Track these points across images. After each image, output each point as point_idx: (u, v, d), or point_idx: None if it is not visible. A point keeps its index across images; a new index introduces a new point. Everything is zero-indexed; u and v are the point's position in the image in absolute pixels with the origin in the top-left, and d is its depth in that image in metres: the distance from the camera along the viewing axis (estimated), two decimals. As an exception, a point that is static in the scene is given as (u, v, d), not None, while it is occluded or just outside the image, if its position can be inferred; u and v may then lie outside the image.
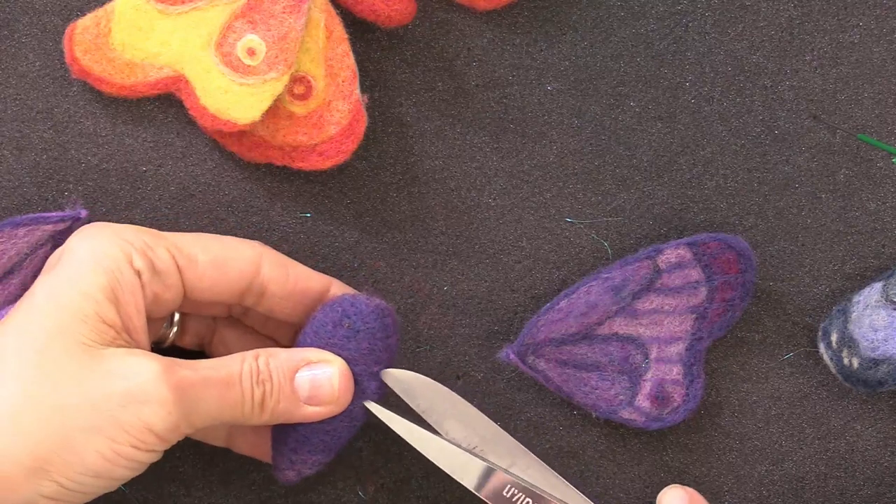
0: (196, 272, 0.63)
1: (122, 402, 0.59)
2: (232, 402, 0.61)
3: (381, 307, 0.65)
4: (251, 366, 0.62)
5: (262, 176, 0.73)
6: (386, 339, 0.65)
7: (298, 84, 0.71)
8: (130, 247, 0.62)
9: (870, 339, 0.71)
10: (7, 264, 0.69)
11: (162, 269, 0.62)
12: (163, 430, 0.59)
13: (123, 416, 0.58)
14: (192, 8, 0.71)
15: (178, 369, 0.60)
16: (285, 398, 0.62)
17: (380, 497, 0.73)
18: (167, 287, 0.63)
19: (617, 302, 0.71)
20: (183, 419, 0.60)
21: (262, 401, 0.62)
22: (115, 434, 0.58)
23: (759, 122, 0.74)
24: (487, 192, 0.74)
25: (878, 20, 0.74)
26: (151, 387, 0.59)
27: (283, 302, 0.65)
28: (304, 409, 0.63)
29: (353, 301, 0.65)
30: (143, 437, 0.59)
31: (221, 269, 0.64)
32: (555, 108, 0.74)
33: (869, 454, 0.74)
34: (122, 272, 0.61)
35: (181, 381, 0.60)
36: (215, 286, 0.64)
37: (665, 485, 0.73)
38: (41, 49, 0.73)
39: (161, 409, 0.59)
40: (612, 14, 0.74)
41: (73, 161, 0.73)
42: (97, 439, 0.58)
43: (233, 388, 0.61)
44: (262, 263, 0.65)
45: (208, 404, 0.60)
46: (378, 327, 0.64)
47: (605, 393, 0.72)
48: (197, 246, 0.64)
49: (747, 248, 0.72)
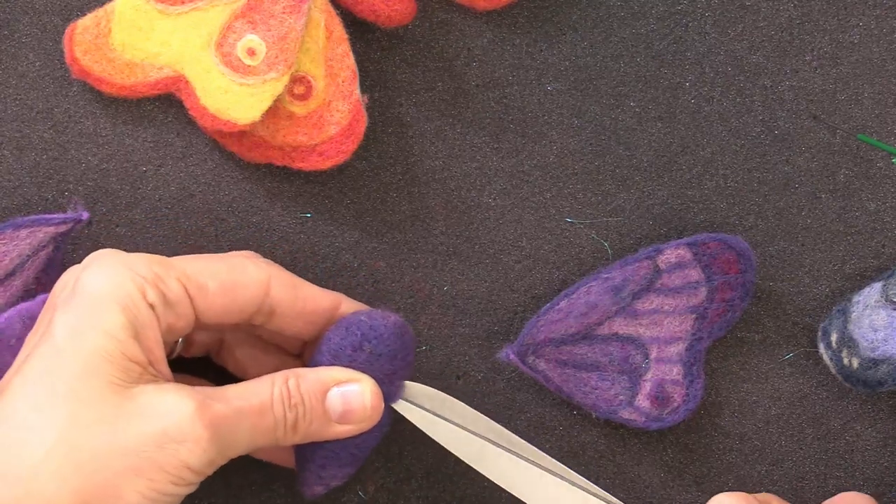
0: (206, 300, 0.63)
1: (158, 442, 0.59)
2: (265, 429, 0.61)
3: (398, 326, 0.65)
4: (282, 390, 0.62)
5: (263, 176, 0.73)
6: (406, 358, 0.65)
7: (298, 84, 0.71)
8: (143, 280, 0.61)
9: (869, 339, 0.71)
10: (9, 266, 0.69)
11: (174, 301, 0.62)
12: (199, 466, 0.59)
13: (161, 457, 0.58)
14: (192, 8, 0.71)
15: (211, 404, 0.60)
16: (317, 419, 0.63)
17: (380, 497, 0.73)
18: (179, 317, 0.63)
19: (617, 302, 0.71)
20: (218, 454, 0.60)
21: (294, 424, 0.62)
22: (154, 474, 0.58)
23: (759, 122, 0.74)
24: (487, 192, 0.74)
25: (878, 20, 0.74)
26: (187, 426, 0.59)
27: (293, 321, 0.65)
28: (335, 428, 0.63)
29: (370, 324, 0.64)
30: (180, 474, 0.59)
31: (231, 294, 0.63)
32: (555, 108, 0.74)
33: (869, 454, 0.74)
34: (139, 308, 0.61)
35: (215, 417, 0.60)
36: (225, 311, 0.64)
37: (665, 485, 0.73)
38: (41, 49, 0.72)
39: (197, 446, 0.59)
40: (612, 14, 0.74)
41: (73, 161, 0.73)
42: (137, 481, 0.58)
43: (266, 415, 0.61)
44: (271, 286, 0.65)
45: (243, 435, 0.61)
46: (398, 348, 0.64)
47: (605, 393, 0.72)
48: (206, 273, 0.63)
49: (747, 248, 0.72)
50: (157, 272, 0.62)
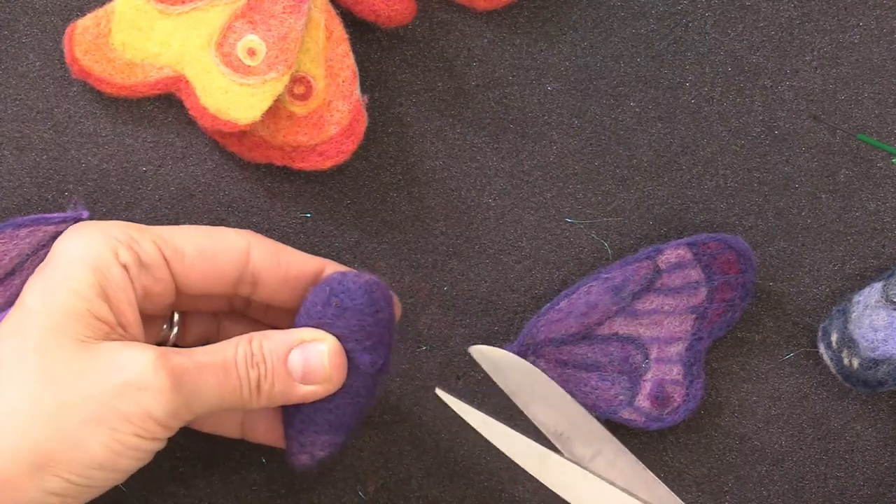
0: (184, 264, 0.63)
1: (120, 391, 0.59)
2: (230, 388, 0.61)
3: (368, 282, 0.64)
4: (245, 349, 0.62)
5: (263, 176, 0.73)
6: (375, 314, 0.64)
7: (298, 84, 0.71)
8: (116, 242, 0.62)
9: (870, 340, 0.71)
10: (9, 265, 0.69)
11: (148, 262, 0.62)
12: (163, 417, 0.59)
13: (123, 406, 0.59)
14: (192, 8, 0.71)
15: (172, 356, 0.60)
16: (280, 379, 0.62)
17: (380, 497, 0.73)
18: (156, 280, 0.63)
19: (617, 302, 0.71)
20: (182, 405, 0.60)
21: (257, 384, 0.62)
22: (117, 424, 0.59)
23: (759, 122, 0.74)
24: (487, 192, 0.74)
25: (878, 20, 0.74)
26: (148, 374, 0.59)
27: (279, 289, 0.65)
28: (299, 388, 0.63)
29: (340, 279, 0.64)
30: (144, 424, 0.59)
31: (210, 259, 0.63)
32: (555, 109, 0.74)
33: (869, 454, 0.74)
34: (110, 268, 0.61)
35: (176, 367, 0.60)
36: (205, 277, 0.64)
37: (665, 485, 0.73)
38: (41, 49, 0.73)
39: (160, 395, 0.59)
40: (612, 14, 0.74)
41: (73, 161, 0.73)
42: (100, 431, 0.58)
43: (229, 373, 0.61)
44: (252, 251, 0.64)
45: (207, 390, 0.61)
46: (366, 303, 0.64)
47: (605, 393, 0.72)
48: (184, 237, 0.64)
49: (747, 248, 0.72)
50: (131, 234, 0.62)
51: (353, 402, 0.65)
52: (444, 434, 0.73)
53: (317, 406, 0.64)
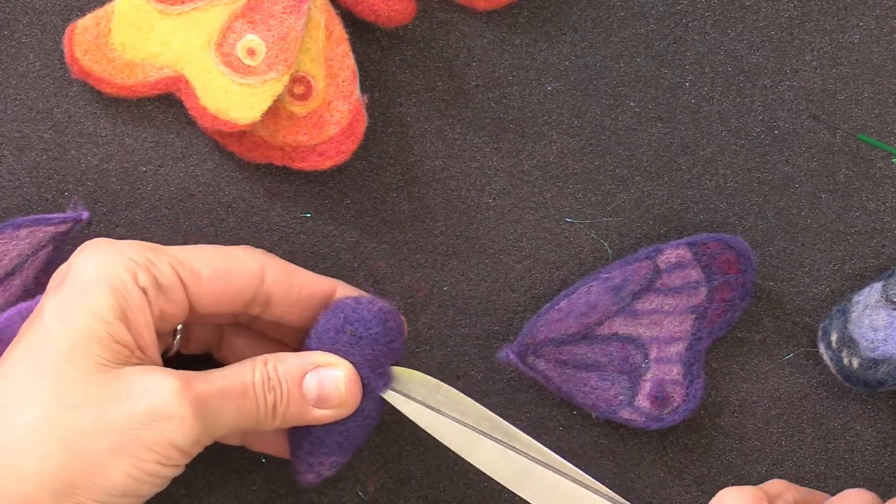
0: (200, 286, 0.63)
1: (144, 420, 0.59)
2: (248, 411, 0.61)
3: (383, 311, 0.65)
4: (262, 373, 0.62)
5: (262, 176, 0.73)
6: (389, 344, 0.65)
7: (298, 84, 0.71)
8: (134, 264, 0.62)
9: (869, 339, 0.71)
10: (8, 265, 0.69)
11: (166, 285, 0.62)
12: (185, 445, 0.60)
13: (147, 435, 0.59)
14: (192, 8, 0.71)
15: (195, 384, 0.60)
16: (295, 403, 0.63)
17: (380, 497, 0.73)
18: (172, 303, 0.63)
19: (617, 302, 0.71)
20: (203, 432, 0.60)
21: (273, 406, 0.62)
22: (140, 453, 0.59)
23: (759, 122, 0.74)
24: (487, 192, 0.74)
25: (878, 20, 0.74)
26: (172, 403, 0.59)
27: (289, 309, 0.66)
28: (313, 412, 0.63)
29: (355, 307, 0.64)
30: (166, 453, 0.59)
31: (225, 281, 0.64)
32: (555, 109, 0.74)
33: (869, 454, 0.74)
34: (130, 290, 0.61)
35: (200, 396, 0.60)
36: (220, 299, 0.64)
37: (665, 485, 0.73)
38: (41, 49, 0.72)
39: (183, 424, 0.59)
40: (612, 14, 0.74)
41: (73, 161, 0.73)
42: (123, 459, 0.59)
43: (248, 397, 0.61)
44: (266, 273, 0.65)
45: (227, 415, 0.61)
46: (381, 332, 0.64)
47: (604, 393, 0.72)
48: (200, 259, 0.64)
49: (747, 248, 0.72)
50: (148, 257, 0.62)
51: (364, 424, 0.66)
52: (444, 434, 0.73)
53: (327, 429, 0.65)
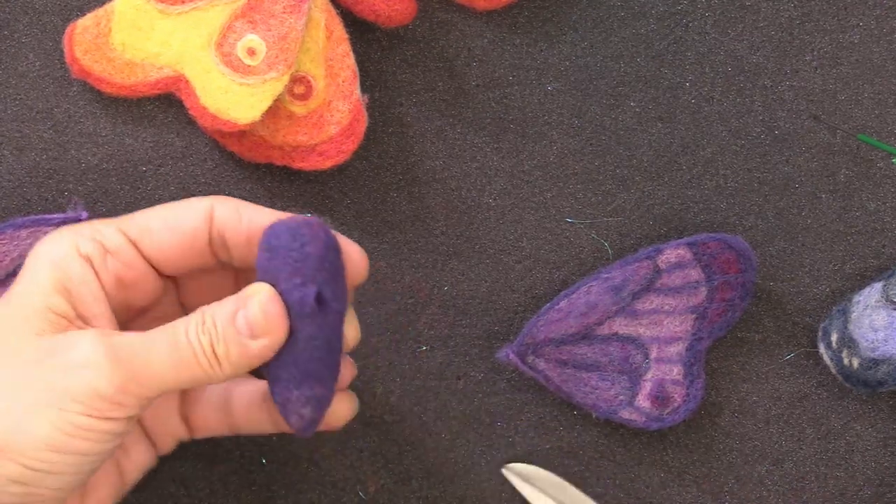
0: (152, 240, 0.63)
1: (63, 371, 0.59)
2: (184, 358, 0.61)
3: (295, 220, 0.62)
4: (196, 318, 0.61)
5: (262, 176, 0.73)
6: (302, 248, 0.61)
7: (298, 84, 0.71)
8: (78, 237, 0.62)
9: (870, 340, 0.71)
10: (10, 265, 0.69)
11: (113, 248, 0.62)
12: (110, 392, 0.59)
13: (67, 384, 0.59)
14: (192, 8, 0.71)
15: (115, 334, 0.60)
16: (232, 341, 0.61)
17: (380, 497, 0.73)
18: (128, 266, 0.63)
19: (617, 302, 0.71)
20: (130, 380, 0.59)
21: (212, 350, 0.61)
22: (64, 404, 0.59)
23: (759, 123, 0.74)
24: (488, 192, 0.74)
25: (878, 20, 0.74)
26: (88, 351, 0.59)
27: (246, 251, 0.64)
28: (252, 346, 0.61)
29: (272, 224, 0.62)
30: (92, 402, 0.59)
31: (175, 228, 0.63)
32: (555, 109, 0.74)
33: (869, 454, 0.74)
34: (70, 263, 0.62)
35: (118, 342, 0.60)
36: (177, 249, 0.63)
37: (665, 485, 0.73)
38: (41, 49, 0.73)
39: (99, 369, 0.59)
40: (613, 14, 0.74)
41: (73, 161, 0.73)
42: (48, 412, 0.59)
43: (181, 345, 0.61)
44: (215, 210, 0.64)
45: (158, 362, 0.60)
46: (288, 239, 0.61)
47: (605, 393, 0.72)
48: (149, 214, 0.64)
49: (747, 248, 0.72)
50: (97, 227, 0.63)
51: (309, 347, 0.62)
52: (444, 434, 0.73)
53: (279, 362, 0.63)
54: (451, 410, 0.73)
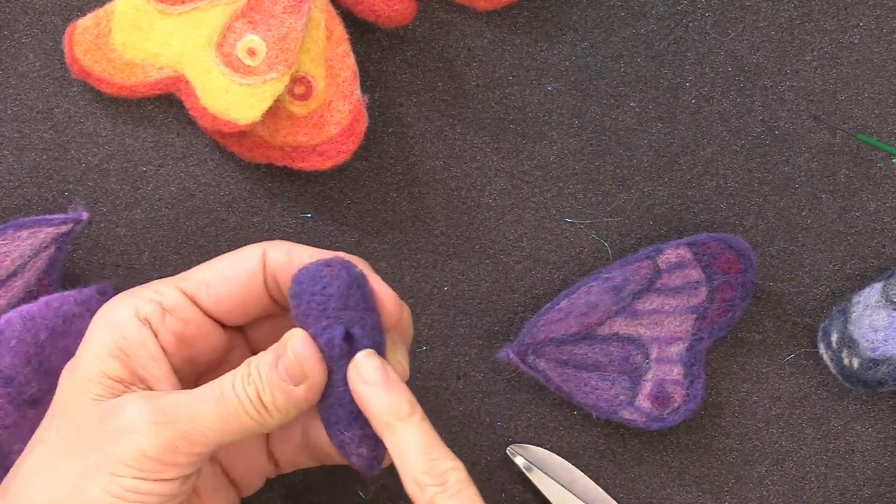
0: (210, 293, 0.63)
1: (113, 435, 0.60)
2: (234, 412, 0.61)
3: (315, 263, 0.62)
4: (242, 370, 0.62)
5: (263, 176, 0.73)
6: (324, 291, 0.61)
7: (299, 84, 0.71)
8: (137, 299, 0.63)
9: (870, 340, 0.71)
10: (10, 266, 0.69)
11: (171, 306, 0.63)
12: (157, 452, 0.60)
13: (117, 450, 0.60)
14: (192, 8, 0.71)
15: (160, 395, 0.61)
16: (276, 388, 0.62)
17: (380, 497, 0.73)
18: (186, 321, 0.63)
19: (617, 302, 0.71)
20: (177, 437, 0.60)
21: (258, 399, 0.62)
22: (115, 469, 0.60)
23: (759, 123, 0.74)
24: (488, 192, 0.74)
25: (878, 20, 0.74)
26: (133, 414, 0.60)
27: None
28: (295, 392, 0.62)
29: (298, 270, 0.62)
30: (140, 464, 0.60)
31: (230, 278, 0.63)
32: (555, 109, 0.74)
33: (869, 454, 0.74)
34: (128, 325, 0.62)
35: (164, 403, 0.61)
36: (235, 298, 0.64)
37: (665, 485, 0.73)
38: (41, 49, 0.72)
39: (147, 431, 0.60)
40: (613, 14, 0.74)
41: (73, 161, 0.73)
42: (100, 477, 0.60)
43: (228, 397, 0.61)
44: (267, 254, 0.64)
45: (207, 419, 0.61)
46: (310, 283, 0.62)
47: (605, 393, 0.72)
48: (205, 268, 0.64)
49: (747, 248, 0.72)
50: (155, 288, 0.63)
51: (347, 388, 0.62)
52: (443, 434, 0.73)
53: (325, 405, 0.63)
54: (451, 410, 0.73)
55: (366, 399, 0.61)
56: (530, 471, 0.72)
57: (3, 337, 0.66)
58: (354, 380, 0.61)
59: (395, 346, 0.64)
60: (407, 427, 0.61)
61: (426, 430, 0.61)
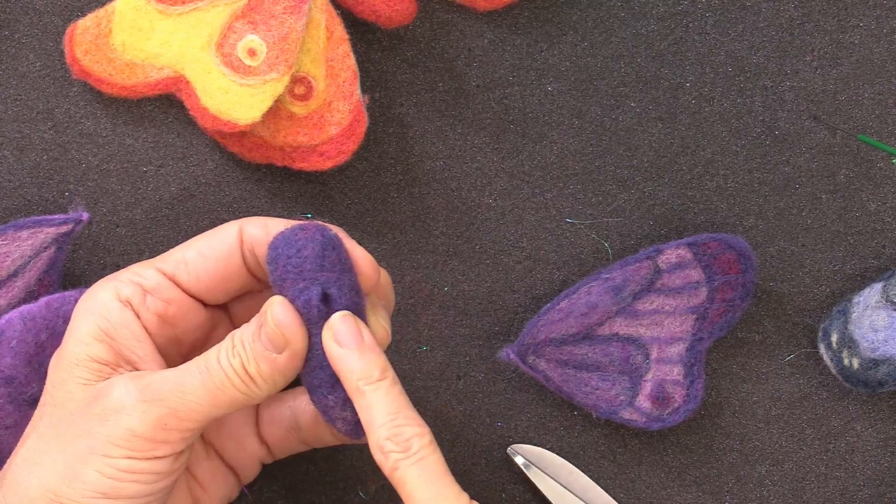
0: (188, 272, 0.63)
1: (102, 417, 0.60)
2: (221, 385, 0.61)
3: (288, 230, 0.62)
4: (226, 343, 0.62)
5: (263, 176, 0.73)
6: (298, 253, 0.61)
7: (299, 84, 0.71)
8: (117, 282, 0.63)
9: (870, 340, 0.71)
10: (10, 266, 0.69)
11: (152, 287, 0.63)
12: (147, 430, 0.60)
13: (108, 431, 0.60)
14: (192, 8, 0.71)
15: (146, 374, 0.61)
16: (260, 358, 0.61)
17: (380, 497, 0.73)
18: (167, 301, 0.63)
19: (617, 302, 0.71)
20: (166, 415, 0.60)
21: (244, 370, 0.61)
22: (107, 450, 0.60)
23: (759, 123, 0.74)
24: (488, 192, 0.74)
25: (878, 20, 0.74)
26: (121, 394, 0.60)
27: None
28: (279, 360, 0.61)
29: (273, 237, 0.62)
30: (131, 444, 0.60)
31: (208, 256, 0.63)
32: (555, 109, 0.74)
33: (869, 454, 0.74)
34: (110, 309, 0.62)
35: (150, 381, 0.61)
36: (212, 275, 0.64)
37: (665, 485, 0.73)
38: (41, 49, 0.72)
39: (135, 410, 0.60)
40: (613, 14, 0.74)
41: (73, 161, 0.73)
42: (93, 459, 0.60)
43: (214, 371, 0.61)
44: (244, 229, 0.64)
45: (195, 394, 0.60)
46: (285, 247, 0.61)
47: (605, 393, 0.72)
48: (184, 247, 0.64)
49: (747, 248, 0.72)
50: (135, 270, 0.63)
51: None
52: (443, 434, 0.73)
53: (308, 370, 0.62)
54: (451, 410, 0.73)
55: (338, 362, 0.61)
56: (530, 470, 0.72)
57: (3, 337, 0.66)
58: (328, 341, 0.61)
59: (376, 309, 0.63)
60: (375, 392, 0.60)
61: (395, 395, 0.60)
